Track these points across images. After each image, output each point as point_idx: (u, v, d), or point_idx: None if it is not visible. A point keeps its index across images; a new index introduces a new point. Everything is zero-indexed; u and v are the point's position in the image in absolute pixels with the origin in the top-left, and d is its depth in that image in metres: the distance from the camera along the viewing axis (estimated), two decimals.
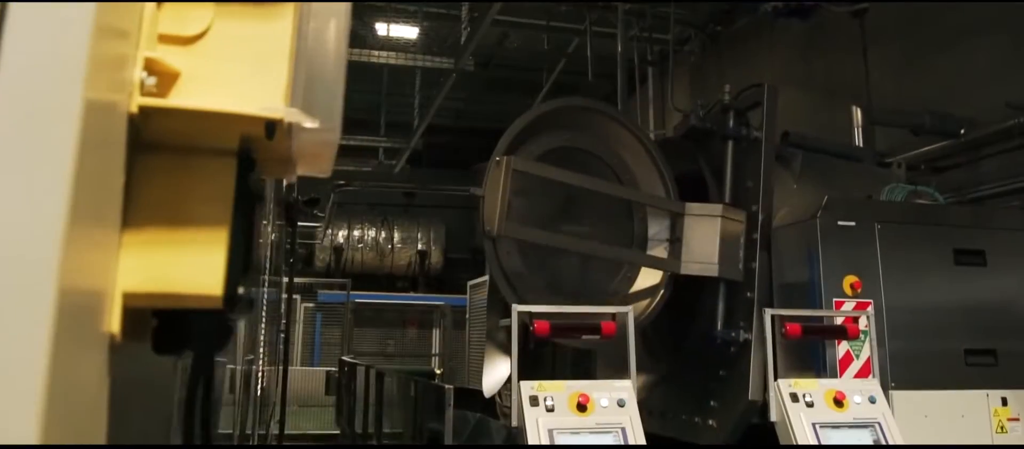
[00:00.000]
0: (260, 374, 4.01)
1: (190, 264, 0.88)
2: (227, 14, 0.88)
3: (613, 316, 4.07)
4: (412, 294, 14.92)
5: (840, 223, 4.62)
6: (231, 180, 0.89)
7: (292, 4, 0.91)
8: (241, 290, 0.92)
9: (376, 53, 7.25)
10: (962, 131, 7.21)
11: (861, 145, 7.43)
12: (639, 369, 4.02)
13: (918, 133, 7.40)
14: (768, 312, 4.12)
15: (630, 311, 4.06)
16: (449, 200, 14.57)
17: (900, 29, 8.35)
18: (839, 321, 4.34)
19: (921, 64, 8.14)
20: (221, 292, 0.89)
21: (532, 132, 4.41)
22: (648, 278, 4.66)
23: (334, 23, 0.95)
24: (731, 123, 4.78)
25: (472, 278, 11.98)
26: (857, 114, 7.51)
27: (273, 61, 0.89)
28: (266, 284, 5.39)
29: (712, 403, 4.56)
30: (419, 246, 14.47)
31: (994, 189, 7.01)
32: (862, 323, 4.26)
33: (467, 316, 11.74)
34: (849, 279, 4.52)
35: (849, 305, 4.46)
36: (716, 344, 4.52)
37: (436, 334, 14.83)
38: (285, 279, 9.38)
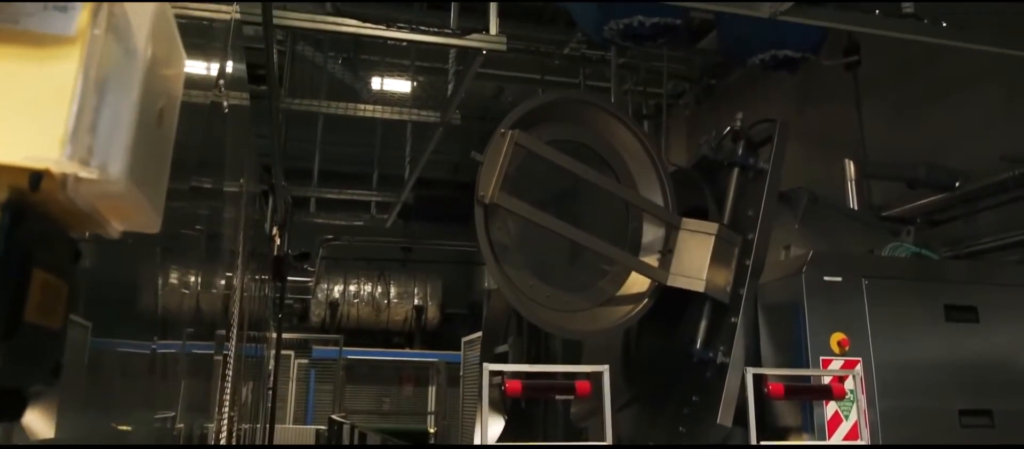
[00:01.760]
0: (222, 436, 3.86)
1: None
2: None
3: (588, 375, 3.93)
4: (407, 350, 14.73)
5: (826, 278, 4.48)
6: None
7: (78, 48, 0.81)
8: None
9: (362, 107, 7.22)
10: (957, 184, 7.09)
11: (855, 199, 7.32)
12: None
13: (913, 186, 7.29)
14: (750, 371, 3.96)
15: (606, 371, 3.92)
16: (446, 255, 14.49)
17: (893, 80, 8.30)
18: (826, 380, 4.17)
19: (915, 115, 8.06)
20: None
21: (540, 118, 4.38)
22: (635, 285, 4.56)
23: (128, 70, 0.84)
24: (740, 151, 4.72)
25: (469, 334, 11.82)
26: (850, 168, 7.40)
27: (50, 107, 0.79)
28: (242, 339, 5.26)
29: (681, 430, 4.37)
30: (416, 301, 14.32)
31: (992, 243, 6.84)
32: (849, 383, 4.08)
33: (461, 373, 11.55)
34: (836, 336, 4.37)
35: (837, 363, 4.31)
36: (692, 364, 4.37)
37: (431, 391, 14.59)
38: (274, 334, 9.27)
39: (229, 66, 3.11)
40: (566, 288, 4.38)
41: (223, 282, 3.66)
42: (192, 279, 2.70)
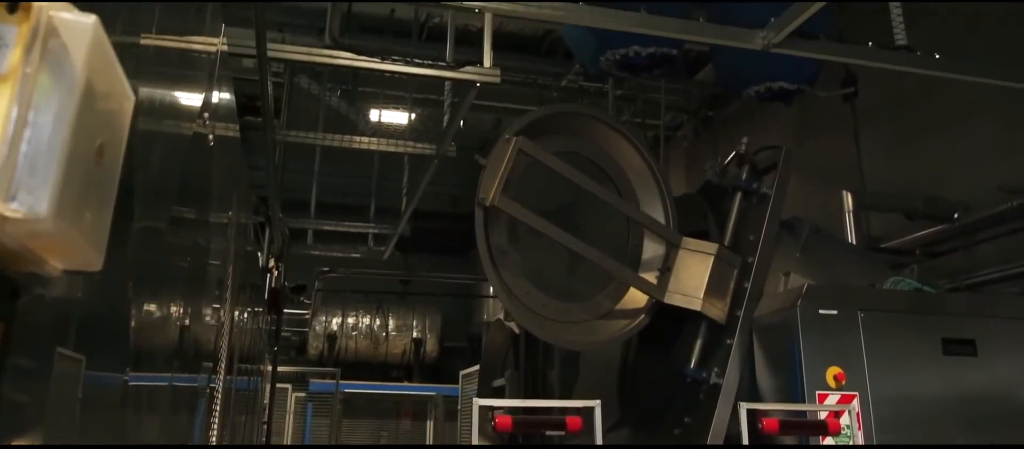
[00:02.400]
0: None
1: None
2: None
3: (579, 410, 3.87)
4: (404, 384, 14.60)
5: (821, 311, 4.42)
6: None
7: (9, 86, 0.78)
8: None
9: (358, 139, 7.22)
10: (956, 215, 7.06)
11: (853, 230, 7.29)
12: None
13: (911, 218, 7.26)
14: (744, 406, 3.89)
15: (597, 406, 3.86)
16: (445, 287, 14.43)
17: (891, 112, 8.30)
18: (822, 415, 4.10)
19: (913, 147, 8.05)
20: None
21: (545, 129, 4.38)
22: (632, 300, 4.52)
23: (60, 107, 0.82)
24: (744, 176, 4.70)
25: (468, 367, 11.72)
26: (848, 199, 7.38)
27: None
28: (233, 371, 5.21)
29: None
30: (414, 334, 14.22)
31: (992, 274, 6.80)
32: (845, 419, 4.01)
33: (459, 407, 11.45)
34: (832, 370, 4.30)
35: (833, 398, 4.23)
36: (686, 385, 4.31)
37: (429, 425, 14.44)
38: (269, 367, 9.20)
39: (216, 97, 3.10)
40: (563, 298, 4.37)
41: (210, 313, 3.62)
42: (173, 310, 2.66)
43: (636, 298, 4.56)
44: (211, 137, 3.01)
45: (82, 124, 0.85)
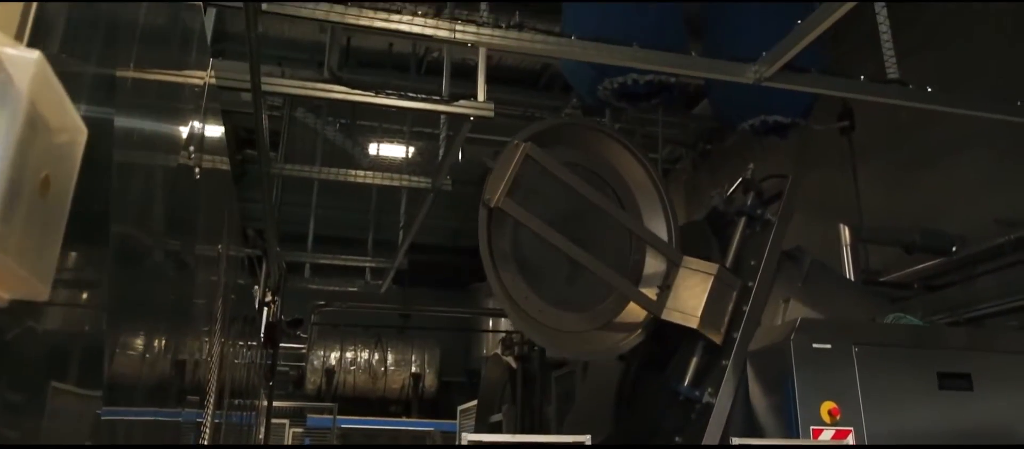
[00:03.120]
0: None
1: None
2: None
3: (569, 446, 3.83)
4: (403, 419, 14.46)
5: (815, 345, 4.38)
6: None
7: None
8: None
9: (353, 172, 7.24)
10: (954, 248, 7.03)
11: (851, 264, 7.26)
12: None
13: (910, 251, 7.23)
14: (735, 441, 3.85)
15: (587, 439, 3.82)
16: (444, 321, 14.35)
17: (887, 145, 8.31)
18: None
19: (909, 180, 8.06)
20: None
21: (554, 140, 4.40)
22: (630, 315, 4.53)
23: None
24: (749, 202, 4.70)
25: (467, 402, 11.62)
26: (845, 233, 7.35)
27: None
28: (223, 406, 5.17)
29: None
30: (413, 368, 14.12)
31: (991, 308, 6.75)
32: None
33: (457, 443, 11.31)
34: (827, 405, 4.25)
35: (827, 433, 4.18)
36: (678, 404, 4.26)
37: None
38: (265, 401, 9.14)
39: (203, 130, 3.11)
40: (560, 306, 4.35)
41: (196, 346, 3.60)
42: (154, 342, 2.65)
43: (634, 313, 4.55)
44: (197, 170, 3.02)
45: (24, 155, 0.84)
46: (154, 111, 2.24)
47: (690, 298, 4.39)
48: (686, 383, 4.33)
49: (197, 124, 2.92)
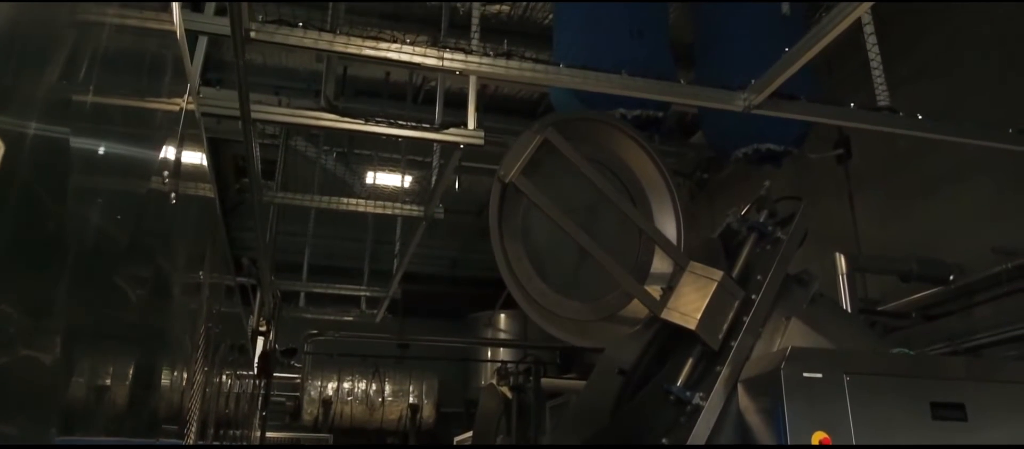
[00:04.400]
0: None
1: None
2: None
3: None
4: None
5: (806, 375, 4.31)
6: None
7: None
8: None
9: (346, 201, 7.23)
10: (951, 277, 6.97)
11: (847, 293, 7.19)
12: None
13: (907, 280, 7.17)
14: None
15: None
16: (442, 351, 14.24)
17: (884, 173, 8.29)
18: None
19: (907, 208, 8.02)
20: None
21: (573, 134, 4.42)
22: (630, 313, 4.49)
23: None
24: (762, 218, 4.69)
25: (464, 433, 11.51)
26: (841, 261, 7.30)
27: None
28: (206, 436, 5.12)
29: None
30: (411, 399, 14.00)
31: (990, 337, 6.68)
32: None
33: None
34: (818, 435, 4.17)
35: None
36: (668, 402, 4.20)
37: None
38: (257, 432, 9.05)
39: (179, 156, 3.10)
40: (563, 293, 4.34)
41: (174, 375, 3.55)
42: (121, 370, 2.61)
43: (635, 311, 4.53)
44: (173, 195, 3.00)
45: None
46: (116, 135, 2.22)
47: (691, 301, 4.38)
48: (679, 383, 4.29)
49: (172, 150, 2.91)
